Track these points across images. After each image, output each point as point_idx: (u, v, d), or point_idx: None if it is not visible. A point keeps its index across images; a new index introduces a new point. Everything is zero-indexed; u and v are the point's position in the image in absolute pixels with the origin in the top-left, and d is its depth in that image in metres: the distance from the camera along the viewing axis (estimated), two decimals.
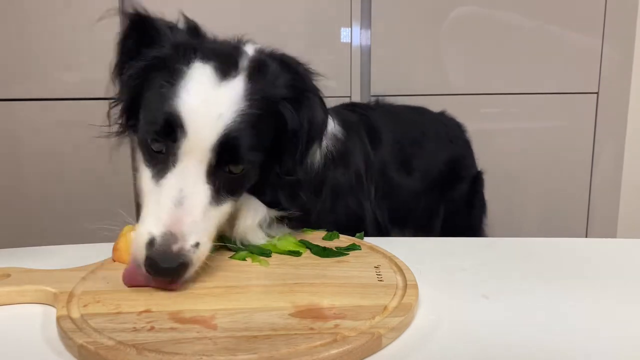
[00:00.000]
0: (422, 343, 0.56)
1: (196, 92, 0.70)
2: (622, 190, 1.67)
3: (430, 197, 1.24)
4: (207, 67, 0.71)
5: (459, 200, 1.32)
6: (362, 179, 1.01)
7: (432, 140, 1.27)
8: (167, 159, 0.70)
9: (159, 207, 0.67)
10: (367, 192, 1.02)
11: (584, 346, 0.55)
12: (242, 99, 0.71)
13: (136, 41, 0.75)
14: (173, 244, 0.64)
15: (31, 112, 1.52)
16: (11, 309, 0.64)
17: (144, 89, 0.74)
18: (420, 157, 1.21)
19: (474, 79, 1.61)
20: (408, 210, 1.20)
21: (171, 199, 0.67)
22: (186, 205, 0.67)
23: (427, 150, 1.24)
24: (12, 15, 1.47)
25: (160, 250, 0.64)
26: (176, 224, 0.66)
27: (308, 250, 0.79)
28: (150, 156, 0.72)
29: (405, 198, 1.18)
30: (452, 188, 1.30)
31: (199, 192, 0.69)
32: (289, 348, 0.50)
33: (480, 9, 1.58)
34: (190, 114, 0.68)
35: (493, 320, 0.61)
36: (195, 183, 0.69)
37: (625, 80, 1.61)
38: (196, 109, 0.69)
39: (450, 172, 1.28)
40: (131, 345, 0.51)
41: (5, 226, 1.54)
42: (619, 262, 0.81)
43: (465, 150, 1.36)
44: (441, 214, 1.29)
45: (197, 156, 0.69)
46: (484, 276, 0.74)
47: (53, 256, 0.80)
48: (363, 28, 1.57)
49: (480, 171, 1.37)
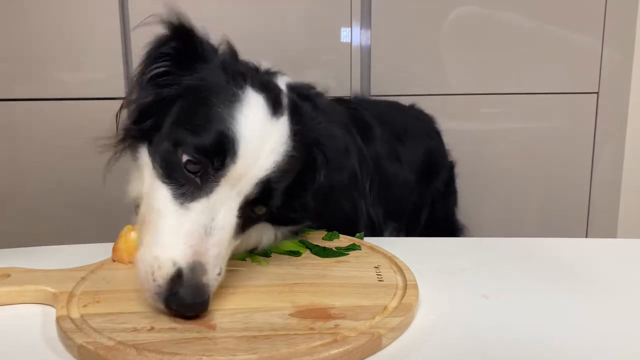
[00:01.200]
0: (422, 343, 0.56)
1: (253, 121, 0.66)
2: (622, 190, 1.67)
3: (420, 188, 1.27)
4: (260, 98, 0.69)
5: (440, 190, 1.36)
6: (357, 176, 1.01)
7: (412, 134, 1.31)
8: (202, 182, 0.64)
9: (183, 233, 0.61)
10: (362, 189, 1.02)
11: (584, 346, 0.55)
12: (287, 139, 0.69)
13: (175, 49, 0.72)
14: (202, 276, 0.58)
15: (31, 112, 1.52)
16: (11, 309, 0.64)
17: (180, 100, 0.70)
18: (405, 149, 1.24)
19: (474, 79, 1.61)
20: (403, 202, 1.22)
21: (201, 226, 0.62)
22: (215, 235, 0.62)
23: (409, 143, 1.27)
24: (12, 15, 1.47)
25: (188, 283, 0.57)
26: (203, 254, 0.60)
27: (308, 250, 0.79)
28: (176, 174, 0.65)
29: (400, 190, 1.19)
30: (435, 178, 1.34)
31: (230, 225, 0.64)
32: (289, 348, 0.50)
33: (480, 9, 1.58)
34: (246, 142, 0.64)
35: (493, 320, 0.61)
36: (229, 214, 0.64)
37: (625, 80, 1.61)
38: (252, 138, 0.65)
39: (431, 163, 1.32)
40: (131, 345, 0.51)
41: (5, 226, 1.54)
42: (619, 262, 0.81)
43: (440, 142, 1.41)
44: (427, 206, 1.33)
45: (238, 188, 0.65)
46: (484, 276, 0.74)
47: (53, 256, 0.80)
48: (363, 28, 1.57)
49: (452, 161, 1.43)
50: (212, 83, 0.70)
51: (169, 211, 0.64)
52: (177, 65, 0.72)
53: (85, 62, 1.51)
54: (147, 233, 0.64)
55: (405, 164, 1.21)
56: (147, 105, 0.72)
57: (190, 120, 0.68)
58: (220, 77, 0.70)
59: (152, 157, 0.70)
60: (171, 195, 0.65)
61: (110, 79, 1.51)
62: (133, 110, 0.74)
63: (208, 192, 0.64)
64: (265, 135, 0.67)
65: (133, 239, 0.73)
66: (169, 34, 0.72)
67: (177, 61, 0.72)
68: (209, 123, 0.65)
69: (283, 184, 0.69)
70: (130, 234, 0.73)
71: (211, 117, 0.66)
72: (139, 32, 0.72)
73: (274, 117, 0.69)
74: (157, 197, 0.66)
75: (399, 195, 1.19)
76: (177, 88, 0.71)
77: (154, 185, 0.67)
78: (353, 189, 1.00)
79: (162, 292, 0.57)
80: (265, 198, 0.68)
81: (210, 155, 0.64)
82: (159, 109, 0.71)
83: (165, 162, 0.67)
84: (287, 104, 0.72)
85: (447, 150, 1.42)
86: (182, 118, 0.69)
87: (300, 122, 0.72)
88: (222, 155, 0.64)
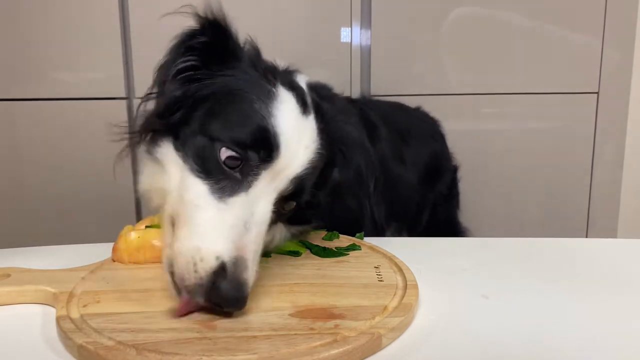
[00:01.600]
0: (422, 343, 0.56)
1: (290, 117, 0.68)
2: (622, 190, 1.67)
3: (423, 190, 1.28)
4: (291, 95, 0.70)
5: (442, 193, 1.37)
6: (362, 176, 1.02)
7: (416, 135, 1.31)
8: (242, 176, 0.64)
9: (224, 227, 0.61)
10: (367, 188, 1.03)
11: (584, 346, 0.55)
12: (317, 137, 0.71)
13: (204, 44, 0.72)
14: (244, 271, 0.58)
15: (31, 112, 1.52)
16: (11, 309, 0.64)
17: (214, 95, 0.70)
18: (410, 151, 1.24)
19: (473, 79, 1.61)
20: (406, 203, 1.23)
21: (242, 221, 0.62)
22: (254, 231, 0.62)
23: (414, 144, 1.27)
24: (12, 15, 1.47)
25: (232, 278, 0.57)
26: (244, 249, 0.60)
27: (308, 250, 0.79)
28: (213, 168, 0.65)
29: (404, 191, 1.20)
30: (438, 181, 1.35)
31: (266, 221, 0.65)
32: (289, 348, 0.50)
33: (480, 9, 1.58)
34: (287, 137, 0.65)
35: (493, 320, 0.61)
36: (266, 209, 0.65)
37: (625, 80, 1.61)
38: (292, 133, 0.66)
39: (434, 165, 1.32)
40: (131, 345, 0.51)
41: (5, 226, 1.54)
42: (619, 262, 0.81)
43: (444, 145, 1.42)
44: (429, 207, 1.33)
45: (277, 182, 0.66)
46: (484, 276, 0.74)
47: (53, 256, 0.80)
48: (363, 28, 1.57)
49: (456, 165, 1.44)
50: (245, 80, 0.71)
51: (207, 205, 0.63)
52: (207, 60, 0.72)
53: (85, 62, 1.51)
54: (182, 226, 0.63)
55: (409, 165, 1.22)
56: (174, 99, 0.71)
57: (226, 115, 0.68)
58: (252, 74, 0.71)
59: (183, 152, 0.69)
60: (208, 189, 0.64)
61: (110, 79, 1.51)
62: (159, 103, 0.73)
63: (247, 187, 0.64)
64: (301, 132, 0.68)
65: (133, 239, 0.73)
66: (199, 28, 0.72)
67: (207, 56, 0.72)
68: (248, 119, 0.66)
69: (312, 181, 0.71)
70: (130, 234, 0.74)
71: (250, 113, 0.67)
72: (139, 32, 0.72)
73: (304, 114, 0.70)
74: (193, 191, 0.65)
75: (403, 196, 1.20)
76: (209, 83, 0.71)
77: (187, 180, 0.66)
78: (358, 188, 1.01)
79: (203, 285, 0.57)
80: (297, 194, 0.69)
81: (253, 150, 0.64)
82: (187, 103, 0.70)
83: (201, 156, 0.66)
84: (311, 102, 0.74)
85: (450, 154, 1.43)
86: (217, 113, 0.68)
87: (324, 121, 0.74)
88: (265, 150, 0.64)
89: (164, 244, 0.66)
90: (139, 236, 0.73)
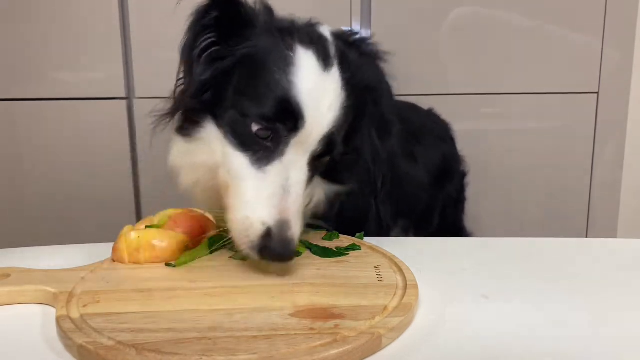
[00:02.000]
0: (422, 343, 0.56)
1: (310, 81, 0.70)
2: (622, 190, 1.67)
3: (433, 190, 1.27)
4: (310, 54, 0.71)
5: (452, 196, 1.36)
6: (370, 173, 1.02)
7: (428, 136, 1.30)
8: (274, 145, 0.70)
9: (266, 195, 0.68)
10: (374, 185, 1.03)
11: (584, 346, 0.55)
12: (341, 90, 0.72)
13: (217, 19, 0.73)
14: (288, 231, 0.67)
15: (31, 112, 1.52)
16: (11, 309, 0.64)
17: (237, 69, 0.73)
18: (421, 150, 1.24)
19: (474, 79, 1.61)
20: (415, 201, 1.22)
21: (280, 187, 0.69)
22: (293, 192, 0.69)
23: (426, 144, 1.27)
24: (12, 15, 1.47)
25: (278, 239, 0.66)
26: (286, 211, 0.67)
27: (308, 250, 0.79)
28: (248, 141, 0.71)
29: (413, 188, 1.19)
30: (449, 182, 1.34)
31: (303, 181, 0.71)
32: (289, 348, 0.50)
33: (480, 9, 1.58)
34: (309, 104, 0.69)
35: (493, 320, 0.61)
36: (301, 171, 0.71)
37: (625, 80, 1.61)
38: (313, 99, 0.69)
39: (445, 167, 1.32)
40: (131, 345, 0.51)
41: (5, 226, 1.54)
42: (619, 262, 0.81)
43: (455, 148, 1.41)
44: (439, 208, 1.32)
45: (306, 146, 0.71)
46: (484, 276, 0.74)
47: (53, 256, 0.80)
48: (363, 28, 1.57)
49: (465, 170, 1.43)
50: (263, 48, 0.72)
51: (249, 176, 0.70)
52: (225, 34, 0.74)
53: (85, 62, 1.51)
54: (232, 198, 0.71)
55: (420, 164, 1.22)
56: (203, 82, 0.74)
57: (251, 89, 0.71)
58: (269, 39, 0.73)
59: (223, 128, 0.74)
60: (248, 161, 0.71)
61: (110, 79, 1.51)
62: (190, 85, 0.76)
63: (280, 154, 0.70)
64: (323, 93, 0.71)
65: (133, 239, 0.73)
66: (208, 3, 0.73)
67: (224, 30, 0.74)
68: (270, 91, 0.70)
69: (342, 133, 0.74)
70: (130, 234, 0.73)
71: (271, 84, 0.70)
72: (139, 32, 0.72)
73: (325, 70, 0.72)
74: (235, 164, 0.72)
75: (411, 194, 1.19)
76: (232, 59, 0.73)
77: (229, 154, 0.73)
78: (366, 184, 1.00)
79: (255, 247, 0.67)
80: (329, 150, 0.74)
81: (279, 123, 0.69)
82: (217, 82, 0.74)
83: (236, 132, 0.72)
84: (335, 53, 0.74)
85: (461, 157, 1.42)
86: (243, 87, 0.72)
87: (349, 70, 0.75)
88: (290, 122, 0.69)
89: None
90: (139, 236, 0.73)
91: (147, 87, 1.51)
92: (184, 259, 0.73)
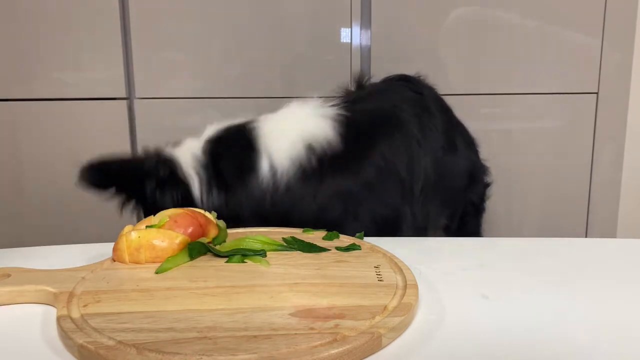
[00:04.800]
0: (422, 343, 0.56)
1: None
2: (622, 190, 1.67)
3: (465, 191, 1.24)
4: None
5: (475, 203, 1.31)
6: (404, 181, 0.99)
7: (459, 136, 1.25)
8: None
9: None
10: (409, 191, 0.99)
11: (584, 346, 0.55)
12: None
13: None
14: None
15: (31, 112, 1.52)
16: (11, 309, 0.64)
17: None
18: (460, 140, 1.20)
19: (474, 79, 1.61)
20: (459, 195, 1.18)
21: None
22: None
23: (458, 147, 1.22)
24: (12, 15, 1.47)
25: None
26: None
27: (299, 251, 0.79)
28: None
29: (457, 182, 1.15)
30: (472, 191, 1.28)
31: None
32: (289, 348, 0.50)
33: (480, 9, 1.58)
34: None
35: (493, 320, 0.61)
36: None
37: (625, 80, 1.61)
38: None
39: (471, 175, 1.27)
40: (131, 345, 0.51)
41: (5, 226, 1.54)
42: (619, 262, 0.81)
43: (479, 158, 1.35)
44: (459, 214, 1.29)
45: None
46: (484, 276, 0.74)
47: (53, 256, 0.80)
48: (363, 28, 1.57)
49: (489, 181, 1.36)
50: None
51: None
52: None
53: (85, 62, 1.51)
54: None
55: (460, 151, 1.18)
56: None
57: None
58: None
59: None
60: None
61: (110, 79, 1.51)
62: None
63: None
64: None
65: (133, 239, 0.73)
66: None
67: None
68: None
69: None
70: (131, 234, 0.73)
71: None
72: (139, 32, 0.72)
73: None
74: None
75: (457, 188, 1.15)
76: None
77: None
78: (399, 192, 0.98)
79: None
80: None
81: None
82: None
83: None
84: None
85: (487, 168, 1.35)
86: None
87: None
88: None
89: None
90: (139, 236, 0.73)
91: (147, 88, 1.51)
92: (166, 265, 0.72)
